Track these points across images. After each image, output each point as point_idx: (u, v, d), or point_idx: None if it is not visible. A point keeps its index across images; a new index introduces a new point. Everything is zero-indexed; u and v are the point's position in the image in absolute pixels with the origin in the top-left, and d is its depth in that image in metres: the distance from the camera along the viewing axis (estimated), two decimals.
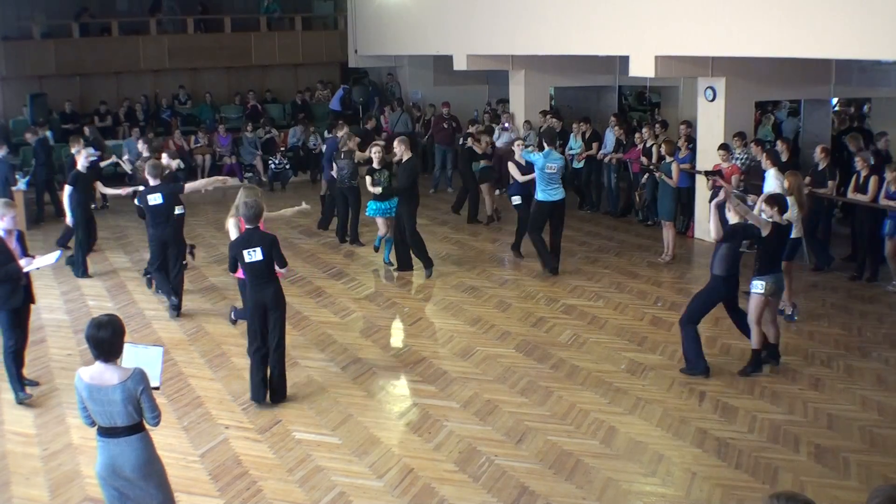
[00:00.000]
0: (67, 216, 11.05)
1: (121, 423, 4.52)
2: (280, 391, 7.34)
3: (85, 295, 10.61)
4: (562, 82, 16.92)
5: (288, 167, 18.07)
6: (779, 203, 7.78)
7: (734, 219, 7.64)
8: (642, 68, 11.78)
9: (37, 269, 7.50)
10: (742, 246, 7.69)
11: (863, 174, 10.46)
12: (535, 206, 10.88)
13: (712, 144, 11.84)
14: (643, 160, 13.12)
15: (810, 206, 10.81)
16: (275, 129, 18.78)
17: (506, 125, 15.90)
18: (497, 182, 14.88)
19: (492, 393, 7.50)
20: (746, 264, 8.09)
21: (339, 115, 18.47)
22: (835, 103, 15.37)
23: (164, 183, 9.59)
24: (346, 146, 12.36)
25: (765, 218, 7.64)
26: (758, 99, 13.32)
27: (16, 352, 7.30)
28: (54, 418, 7.11)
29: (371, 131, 16.22)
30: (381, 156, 11.19)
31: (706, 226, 11.62)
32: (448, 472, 6.14)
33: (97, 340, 4.50)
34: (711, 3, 10.46)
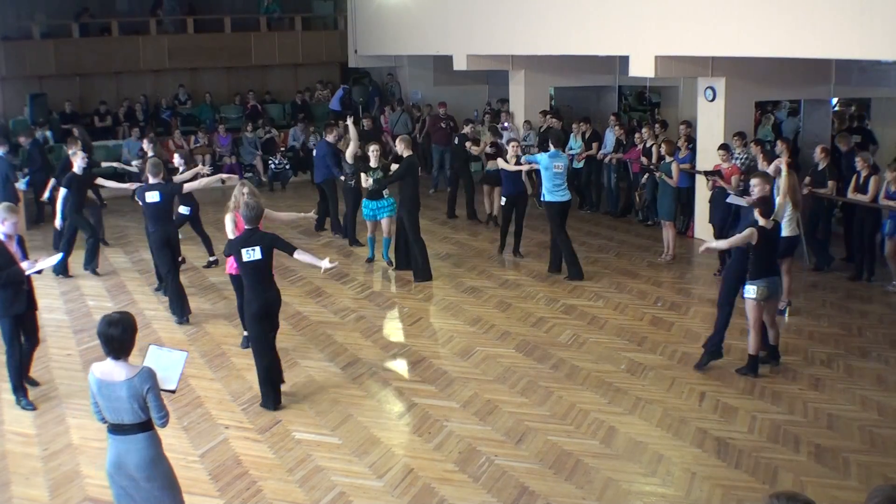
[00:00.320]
0: (57, 218, 10.99)
1: (127, 421, 4.53)
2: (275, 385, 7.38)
3: (85, 295, 10.60)
4: (562, 82, 16.92)
5: (288, 167, 18.08)
6: (765, 204, 7.62)
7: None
8: (642, 68, 11.79)
9: (38, 273, 7.45)
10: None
11: (863, 174, 10.45)
12: (547, 210, 10.86)
13: (712, 144, 11.82)
14: (643, 160, 13.12)
15: (810, 206, 10.84)
16: (275, 130, 18.79)
17: (505, 125, 15.90)
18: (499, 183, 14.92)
19: (492, 393, 7.50)
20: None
21: (338, 114, 18.45)
22: (835, 103, 15.36)
23: (164, 182, 9.59)
24: (345, 144, 12.57)
25: (745, 234, 7.53)
26: (758, 99, 13.30)
27: (19, 362, 7.23)
28: (54, 418, 7.11)
29: (370, 131, 16.24)
30: (378, 155, 11.27)
31: (706, 225, 11.67)
32: (448, 472, 6.14)
33: (108, 337, 4.50)
34: (711, 3, 10.46)
